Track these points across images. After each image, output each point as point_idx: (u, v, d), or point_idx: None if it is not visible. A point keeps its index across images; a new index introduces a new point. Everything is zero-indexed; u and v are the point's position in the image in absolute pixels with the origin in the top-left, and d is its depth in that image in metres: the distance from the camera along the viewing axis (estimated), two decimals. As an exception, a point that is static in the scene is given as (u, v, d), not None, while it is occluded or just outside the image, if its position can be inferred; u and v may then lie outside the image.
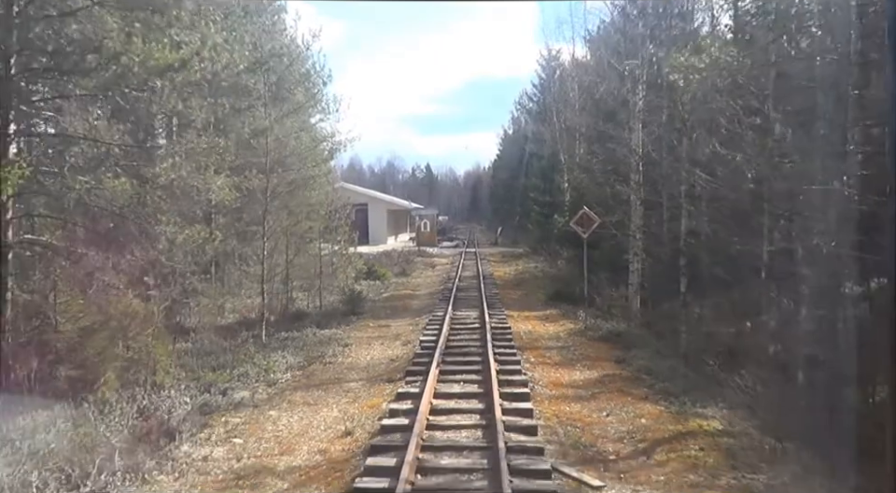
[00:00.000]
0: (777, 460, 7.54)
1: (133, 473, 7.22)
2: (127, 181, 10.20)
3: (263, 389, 10.73)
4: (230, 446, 8.06)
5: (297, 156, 19.02)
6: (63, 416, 9.46)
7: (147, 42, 10.50)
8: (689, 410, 9.18)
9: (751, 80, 11.76)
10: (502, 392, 9.24)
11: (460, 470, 6.71)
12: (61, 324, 11.54)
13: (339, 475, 6.87)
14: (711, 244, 13.52)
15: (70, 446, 8.06)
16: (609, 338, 13.99)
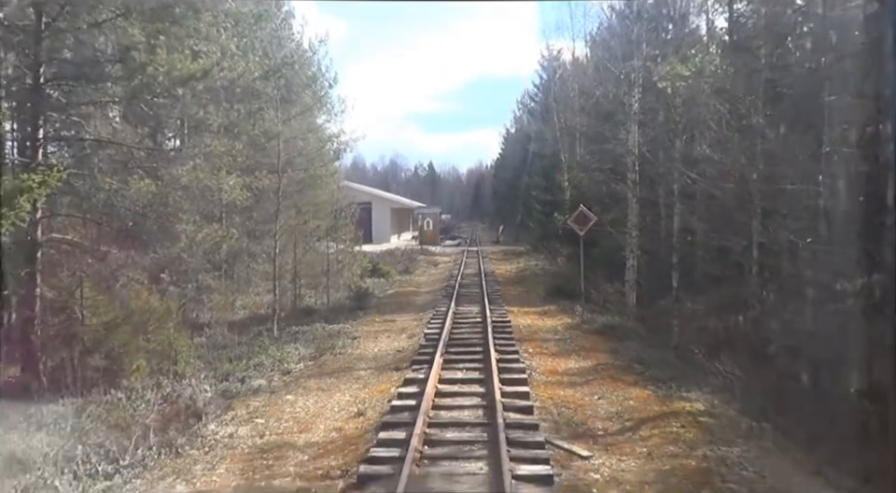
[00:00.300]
0: (751, 437, 8.33)
1: (167, 448, 8.03)
2: (151, 183, 11.04)
3: (278, 378, 11.55)
4: (252, 425, 8.88)
5: (304, 157, 19.89)
6: (96, 402, 10.33)
7: (170, 53, 11.33)
8: (674, 394, 9.98)
9: (738, 86, 12.59)
10: (501, 378, 10.04)
11: (463, 442, 7.53)
12: (87, 318, 12.39)
13: (354, 448, 7.68)
14: (702, 241, 14.32)
15: (105, 426, 8.90)
16: (604, 331, 14.80)
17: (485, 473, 6.60)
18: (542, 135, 41.30)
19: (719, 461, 7.41)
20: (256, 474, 7.19)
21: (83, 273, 12.51)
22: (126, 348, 12.19)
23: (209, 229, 12.77)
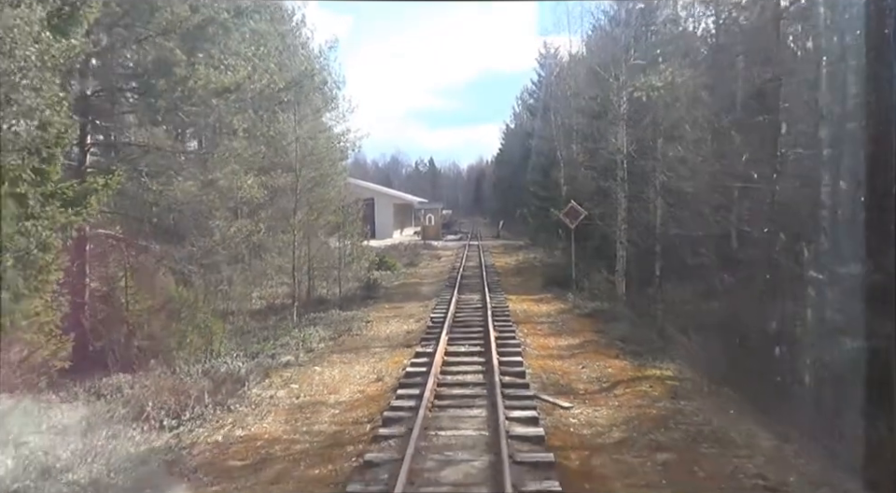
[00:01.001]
0: (708, 396, 10.06)
1: (220, 406, 9.75)
2: (194, 184, 12.76)
3: (304, 354, 13.27)
4: (288, 389, 10.62)
5: (315, 156, 21.56)
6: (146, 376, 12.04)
7: (205, 67, 13.04)
8: (649, 364, 11.72)
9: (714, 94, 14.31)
10: (499, 351, 11.75)
11: (466, 396, 9.26)
12: (130, 305, 14.11)
13: (376, 404, 9.40)
14: (682, 233, 16.02)
15: (167, 391, 10.60)
16: (593, 315, 16.55)
17: (484, 416, 8.33)
18: (540, 133, 42.95)
19: (676, 411, 9.15)
20: (298, 423, 8.93)
21: (127, 264, 14.25)
22: (166, 331, 13.93)
23: (239, 224, 14.52)
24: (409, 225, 58.72)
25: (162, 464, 7.60)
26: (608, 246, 22.04)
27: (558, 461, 6.95)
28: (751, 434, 8.24)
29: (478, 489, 6.25)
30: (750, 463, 7.24)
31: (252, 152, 14.83)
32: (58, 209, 9.53)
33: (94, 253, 14.08)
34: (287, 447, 7.95)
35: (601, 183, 21.87)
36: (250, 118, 15.40)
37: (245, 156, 14.56)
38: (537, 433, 7.72)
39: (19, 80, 7.94)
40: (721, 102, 14.04)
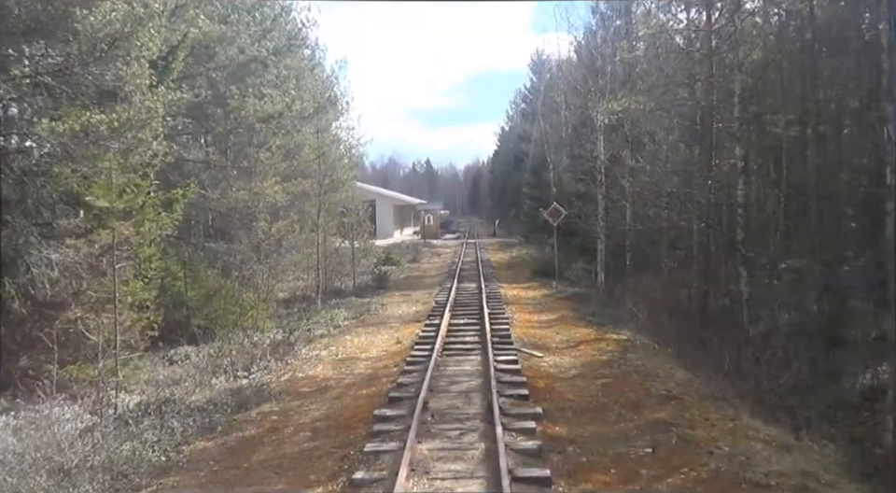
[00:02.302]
0: (650, 351, 13.45)
1: (280, 361, 13.13)
2: (245, 193, 16.15)
3: (334, 329, 16.66)
4: (328, 350, 14.01)
5: (328, 165, 24.94)
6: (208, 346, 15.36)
7: (252, 98, 16.43)
8: (609, 331, 15.12)
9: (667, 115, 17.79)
10: (491, 322, 15.10)
11: (465, 349, 12.66)
12: (188, 291, 17.45)
13: (399, 356, 12.78)
14: (640, 229, 19.49)
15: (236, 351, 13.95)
16: (571, 297, 19.99)
17: (479, 359, 11.73)
18: (531, 137, 46.43)
19: (621, 359, 12.54)
20: (342, 369, 12.33)
21: (185, 258, 17.60)
22: (218, 312, 17.29)
23: (278, 225, 17.91)
24: (408, 225, 62.12)
25: (252, 391, 10.97)
26: (590, 241, 25.48)
27: (529, 383, 10.33)
28: (671, 372, 11.65)
29: (474, 394, 9.64)
30: (663, 386, 10.63)
31: (288, 167, 18.18)
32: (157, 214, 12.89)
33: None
34: (338, 381, 11.36)
35: (583, 187, 25.30)
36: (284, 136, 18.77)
37: (281, 168, 17.95)
38: (516, 368, 11.10)
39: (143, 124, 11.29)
40: (671, 123, 17.54)
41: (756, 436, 8.34)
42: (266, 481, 7.20)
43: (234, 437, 8.88)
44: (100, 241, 12.05)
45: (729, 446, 7.79)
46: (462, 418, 8.58)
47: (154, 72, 12.90)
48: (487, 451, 7.26)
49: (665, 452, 7.66)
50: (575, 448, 7.71)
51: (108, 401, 10.88)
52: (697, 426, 8.56)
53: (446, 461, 7.12)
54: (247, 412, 10.00)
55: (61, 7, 10.73)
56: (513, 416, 8.47)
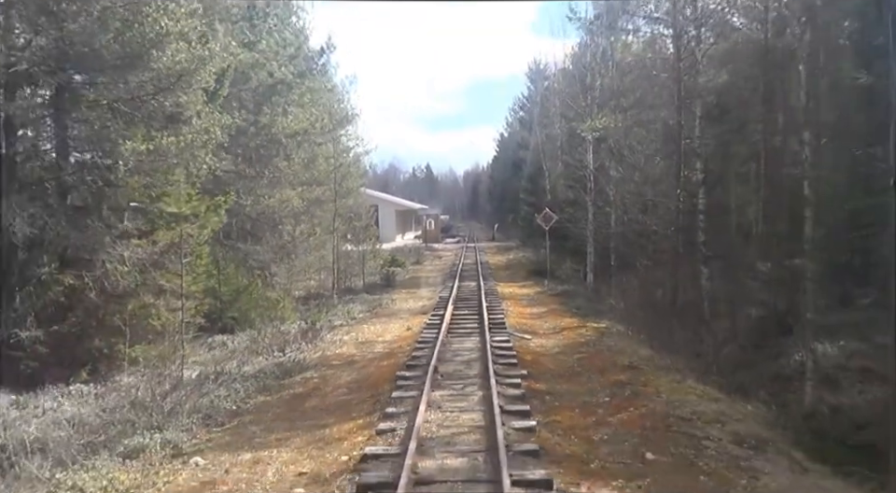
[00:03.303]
0: (624, 337, 16.04)
1: (309, 343, 15.73)
2: (276, 200, 18.76)
3: (351, 320, 19.27)
4: (350, 335, 16.63)
5: (340, 173, 27.57)
6: (242, 334, 17.93)
7: (280, 116, 19.06)
8: (590, 320, 17.73)
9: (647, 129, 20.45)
10: (489, 313, 17.70)
11: (466, 333, 15.28)
12: (222, 287, 20.04)
13: (410, 339, 15.37)
14: (621, 232, 22.13)
15: (269, 337, 16.53)
16: (560, 294, 22.63)
17: (478, 340, 14.32)
18: (528, 144, 49.09)
19: (597, 341, 15.15)
20: (364, 348, 14.95)
21: (219, 258, 20.19)
22: (248, 305, 19.88)
23: (301, 228, 20.55)
24: (409, 230, 64.72)
25: (292, 364, 13.57)
26: (581, 244, 28.10)
27: (518, 356, 12.92)
28: (637, 350, 14.26)
29: (474, 363, 12.25)
30: (628, 359, 13.23)
31: (311, 176, 20.83)
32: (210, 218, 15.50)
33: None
34: (362, 356, 13.99)
35: (572, 194, 27.94)
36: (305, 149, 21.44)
37: (303, 177, 20.61)
38: (508, 346, 13.70)
39: (204, 144, 13.91)
40: (648, 138, 20.20)
41: (692, 392, 10.96)
42: (319, 418, 9.80)
43: (286, 393, 11.50)
44: (161, 241, 14.71)
45: (668, 397, 10.41)
46: (465, 377, 11.21)
47: (205, 96, 15.57)
48: (484, 396, 9.86)
49: (618, 400, 10.28)
50: (550, 397, 10.33)
51: (174, 374, 13.47)
52: (648, 385, 11.18)
53: (453, 401, 9.74)
54: (292, 378, 12.61)
55: (138, 48, 13.35)
56: (504, 376, 11.06)
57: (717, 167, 18.73)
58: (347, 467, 7.54)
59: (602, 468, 7.55)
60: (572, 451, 8.03)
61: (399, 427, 8.65)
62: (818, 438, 10.67)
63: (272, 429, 9.44)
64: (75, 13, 12.79)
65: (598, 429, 8.93)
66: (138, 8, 13.22)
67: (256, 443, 8.82)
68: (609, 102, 22.78)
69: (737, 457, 8.15)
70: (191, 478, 7.70)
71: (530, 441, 8.07)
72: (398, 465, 7.10)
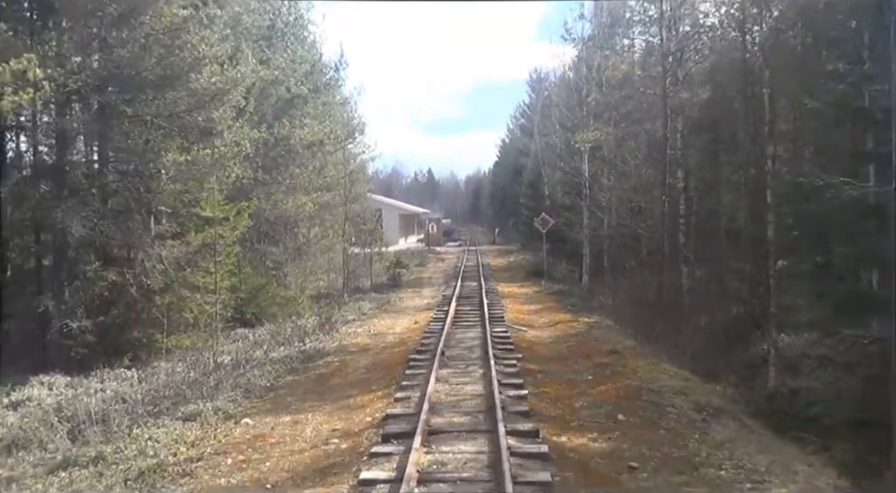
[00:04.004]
0: (612, 330, 17.80)
1: (327, 335, 17.48)
2: (293, 204, 20.56)
3: (362, 315, 21.04)
4: (363, 328, 18.40)
5: (349, 179, 29.39)
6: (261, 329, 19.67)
7: (297, 128, 20.87)
8: (583, 315, 19.48)
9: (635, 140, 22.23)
10: (489, 309, 19.47)
11: (469, 325, 17.05)
12: (243, 285, 21.80)
13: (418, 331, 17.13)
14: (611, 235, 23.91)
15: (289, 329, 18.28)
16: (556, 293, 24.41)
17: (479, 331, 16.08)
18: (529, 151, 50.90)
19: (586, 333, 16.90)
20: (376, 339, 16.71)
21: (240, 258, 21.97)
22: (267, 302, 21.65)
23: (317, 229, 22.35)
24: (412, 233, 66.54)
25: (314, 351, 15.32)
26: (577, 247, 29.90)
27: (515, 344, 14.66)
28: (621, 340, 16.02)
29: (476, 348, 14.01)
30: (611, 347, 14.97)
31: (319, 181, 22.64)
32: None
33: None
34: (376, 345, 15.75)
35: (568, 200, 29.73)
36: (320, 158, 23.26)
37: (316, 183, 22.43)
38: (506, 336, 15.46)
39: (235, 155, 15.70)
40: (637, 149, 22.00)
41: (665, 373, 12.72)
42: (344, 391, 11.56)
43: (312, 373, 13.27)
44: (194, 241, 16.50)
45: (643, 376, 12.16)
46: (468, 359, 12.99)
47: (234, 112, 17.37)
48: (484, 373, 11.61)
49: (599, 378, 12.04)
50: (541, 375, 12.09)
51: (209, 360, 15.20)
52: (627, 367, 12.93)
53: (458, 377, 11.51)
54: (315, 362, 14.38)
55: (177, 71, 15.15)
56: (502, 359, 12.82)
57: (708, 175, 20.52)
58: (372, 424, 9.30)
59: (580, 425, 9.32)
60: (557, 413, 9.79)
61: (414, 395, 10.40)
62: (775, 413, 12.42)
63: (304, 399, 11.20)
64: (123, 41, 14.60)
65: (580, 398, 10.69)
66: (178, 35, 15.05)
67: (292, 409, 10.59)
68: (603, 114, 24.59)
69: (694, 420, 9.90)
70: (244, 433, 9.47)
71: (522, 405, 9.82)
72: (414, 421, 8.84)
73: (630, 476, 7.56)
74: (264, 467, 8.10)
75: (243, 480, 7.75)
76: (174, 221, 17.08)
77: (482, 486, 6.84)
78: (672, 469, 7.76)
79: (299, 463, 8.13)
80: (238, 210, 16.54)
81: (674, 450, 8.42)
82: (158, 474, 7.96)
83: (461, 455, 7.79)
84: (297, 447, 8.77)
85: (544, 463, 7.49)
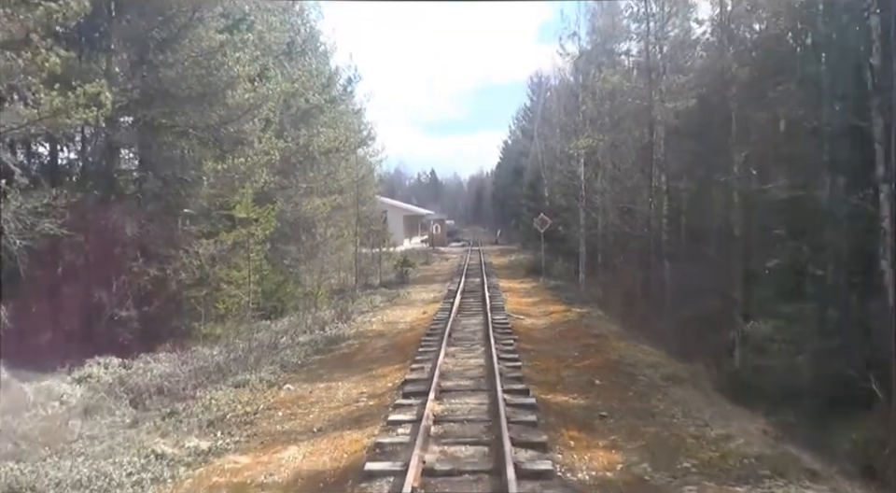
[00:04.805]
0: (601, 318, 19.89)
1: (344, 323, 19.60)
2: (315, 206, 22.67)
3: (374, 308, 23.15)
4: (377, 318, 20.52)
5: (360, 184, 31.51)
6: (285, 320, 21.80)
7: (316, 136, 23.00)
8: (575, 307, 21.57)
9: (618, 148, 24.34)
10: (491, 301, 21.57)
11: (472, 314, 19.16)
12: (264, 281, 23.92)
13: (427, 319, 19.22)
14: (606, 235, 26.01)
15: (310, 319, 20.39)
16: (553, 288, 26.53)
17: (482, 319, 18.17)
18: (529, 154, 53.02)
19: (577, 321, 18.99)
20: (389, 327, 18.83)
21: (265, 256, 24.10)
22: (285, 297, 23.79)
23: (331, 230, 24.48)
24: (416, 234, 68.67)
25: (335, 336, 17.43)
26: (574, 246, 32.03)
27: (513, 328, 16.75)
28: (608, 326, 18.11)
29: (478, 331, 16.11)
30: (598, 331, 17.07)
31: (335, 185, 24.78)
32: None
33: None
34: (390, 331, 17.87)
35: (565, 201, 31.85)
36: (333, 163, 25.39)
37: (331, 187, 24.57)
38: (505, 322, 17.57)
39: (266, 163, 17.82)
40: (626, 154, 24.11)
41: (642, 352, 14.81)
42: (366, 365, 13.68)
43: (336, 353, 15.39)
44: (227, 240, 18.61)
45: (621, 353, 14.26)
46: (472, 339, 15.12)
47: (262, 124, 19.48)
48: (485, 350, 13.71)
49: (584, 355, 14.14)
50: (534, 352, 14.19)
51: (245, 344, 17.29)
52: (609, 346, 15.04)
53: (463, 353, 13.64)
54: (338, 345, 16.50)
55: (215, 89, 17.27)
56: (501, 340, 14.91)
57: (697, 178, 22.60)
58: (393, 387, 11.41)
59: (564, 388, 11.43)
60: (545, 380, 11.90)
61: (426, 367, 12.50)
62: (735, 386, 14.48)
63: (332, 372, 13.33)
64: (170, 63, 16.72)
65: (566, 369, 12.80)
66: (215, 57, 17.17)
67: (324, 379, 12.71)
68: (596, 121, 26.72)
69: (660, 386, 11.98)
70: (287, 395, 11.59)
71: (517, 373, 11.92)
72: (428, 383, 10.94)
73: (600, 422, 9.66)
74: (309, 418, 10.23)
75: (293, 426, 9.87)
76: (207, 222, 19.19)
77: (483, 424, 8.95)
78: (633, 416, 9.86)
79: (336, 415, 10.25)
80: (267, 212, 18.61)
81: (638, 405, 10.53)
82: (225, 423, 10.10)
83: (466, 405, 9.92)
84: (333, 404, 10.90)
85: (532, 411, 9.58)
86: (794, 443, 9.43)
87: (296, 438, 9.23)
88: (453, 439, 8.44)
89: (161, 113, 17.71)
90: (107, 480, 7.96)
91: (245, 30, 18.06)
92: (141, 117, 17.47)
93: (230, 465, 8.31)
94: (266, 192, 22.35)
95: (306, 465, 8.13)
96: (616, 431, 9.19)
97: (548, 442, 8.26)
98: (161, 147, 18.25)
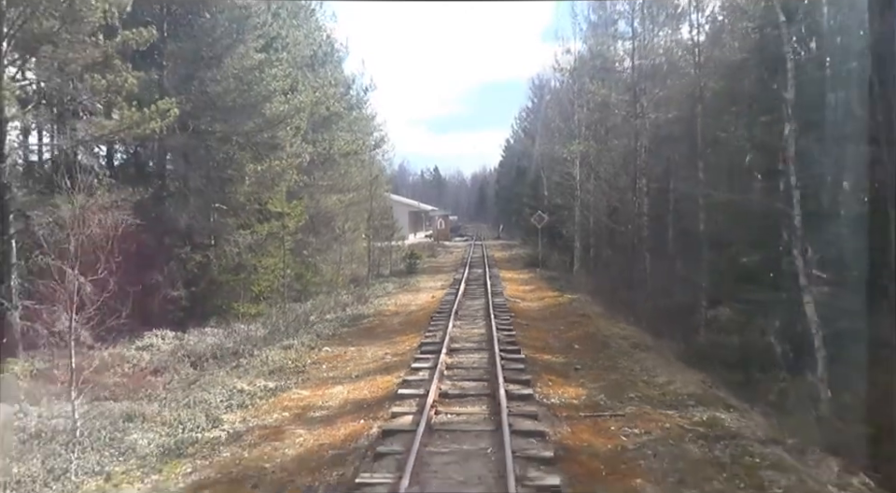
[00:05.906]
0: (586, 302, 22.80)
1: (363, 305, 22.54)
2: (336, 200, 25.59)
3: (387, 293, 26.07)
4: (390, 301, 23.46)
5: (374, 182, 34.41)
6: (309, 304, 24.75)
7: (335, 140, 25.94)
8: (567, 294, 24.48)
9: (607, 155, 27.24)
10: (491, 287, 24.48)
11: (476, 297, 22.09)
12: (289, 270, 26.87)
13: (436, 303, 22.13)
14: (595, 230, 28.91)
15: (331, 302, 23.31)
16: (548, 278, 29.46)
17: (483, 301, 21.08)
18: (530, 153, 55.82)
19: (567, 305, 21.91)
20: (402, 308, 21.78)
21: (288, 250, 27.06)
22: (308, 283, 26.74)
23: (350, 223, 27.41)
24: (420, 229, 71.49)
25: (356, 315, 20.36)
26: (570, 241, 34.95)
27: (510, 308, 19.65)
28: (593, 309, 21.02)
29: (480, 310, 19.04)
30: (583, 312, 19.98)
31: (356, 183, 27.73)
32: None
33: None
34: (404, 310, 20.82)
35: (564, 200, 34.76)
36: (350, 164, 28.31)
37: (348, 185, 27.52)
38: (504, 304, 20.48)
39: (298, 165, 20.73)
40: (614, 157, 27.02)
41: (619, 328, 17.73)
42: (387, 335, 16.62)
43: (360, 327, 18.35)
44: (263, 231, 21.55)
45: (600, 328, 17.18)
46: (475, 317, 18.06)
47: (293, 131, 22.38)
48: (486, 324, 16.62)
49: (569, 329, 17.07)
50: (528, 326, 17.12)
51: (277, 321, 20.22)
52: (591, 324, 17.96)
53: (468, 326, 16.58)
54: (360, 321, 19.44)
55: (254, 101, 20.18)
56: (500, 317, 17.83)
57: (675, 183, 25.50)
58: (411, 349, 14.35)
59: (549, 350, 14.37)
60: (534, 345, 14.83)
61: (438, 334, 15.43)
62: (694, 356, 17.37)
63: (359, 340, 16.28)
64: (217, 80, 19.63)
65: (552, 338, 15.75)
66: (254, 74, 20.08)
67: (354, 344, 15.67)
68: (591, 127, 29.65)
69: (629, 351, 14.89)
70: (327, 355, 14.55)
71: (511, 340, 14.85)
72: (440, 345, 13.85)
73: (574, 372, 12.60)
74: (347, 369, 13.19)
75: (336, 374, 12.83)
76: (244, 216, 22.12)
77: (483, 370, 11.91)
78: (600, 369, 12.81)
79: (368, 367, 13.21)
80: (297, 206, 21.55)
81: (605, 362, 13.48)
82: (282, 372, 13.07)
83: (471, 358, 12.90)
84: (364, 361, 13.86)
85: (522, 362, 12.53)
86: (724, 391, 12.36)
87: (340, 381, 12.20)
88: (460, 378, 11.42)
89: (206, 122, 20.68)
90: (207, 404, 10.92)
91: (280, 49, 20.97)
92: (191, 125, 20.41)
93: (295, 396, 11.28)
94: (291, 190, 25.30)
95: (352, 396, 11.09)
96: (585, 377, 12.15)
97: (531, 380, 11.22)
98: (208, 151, 21.14)
